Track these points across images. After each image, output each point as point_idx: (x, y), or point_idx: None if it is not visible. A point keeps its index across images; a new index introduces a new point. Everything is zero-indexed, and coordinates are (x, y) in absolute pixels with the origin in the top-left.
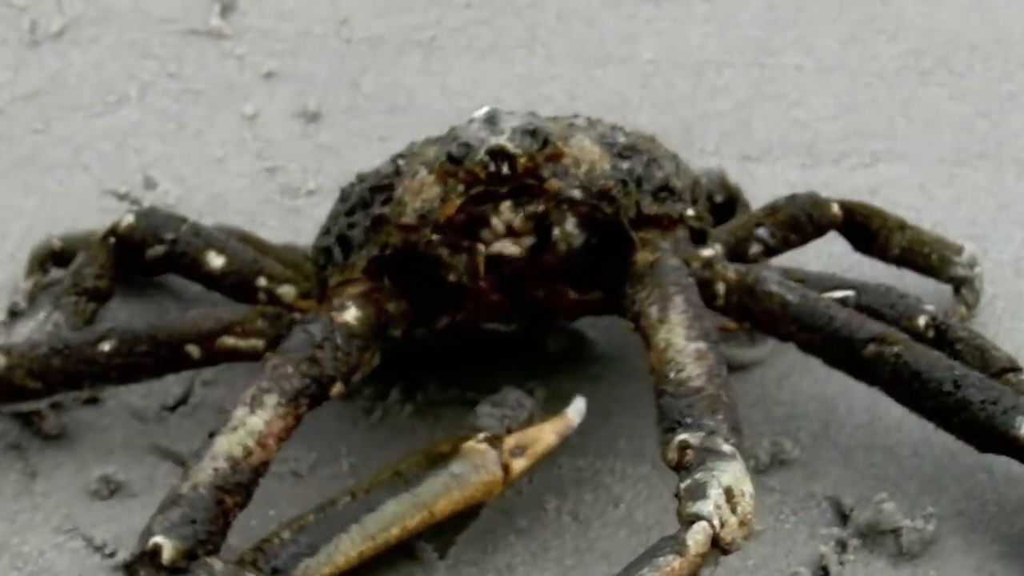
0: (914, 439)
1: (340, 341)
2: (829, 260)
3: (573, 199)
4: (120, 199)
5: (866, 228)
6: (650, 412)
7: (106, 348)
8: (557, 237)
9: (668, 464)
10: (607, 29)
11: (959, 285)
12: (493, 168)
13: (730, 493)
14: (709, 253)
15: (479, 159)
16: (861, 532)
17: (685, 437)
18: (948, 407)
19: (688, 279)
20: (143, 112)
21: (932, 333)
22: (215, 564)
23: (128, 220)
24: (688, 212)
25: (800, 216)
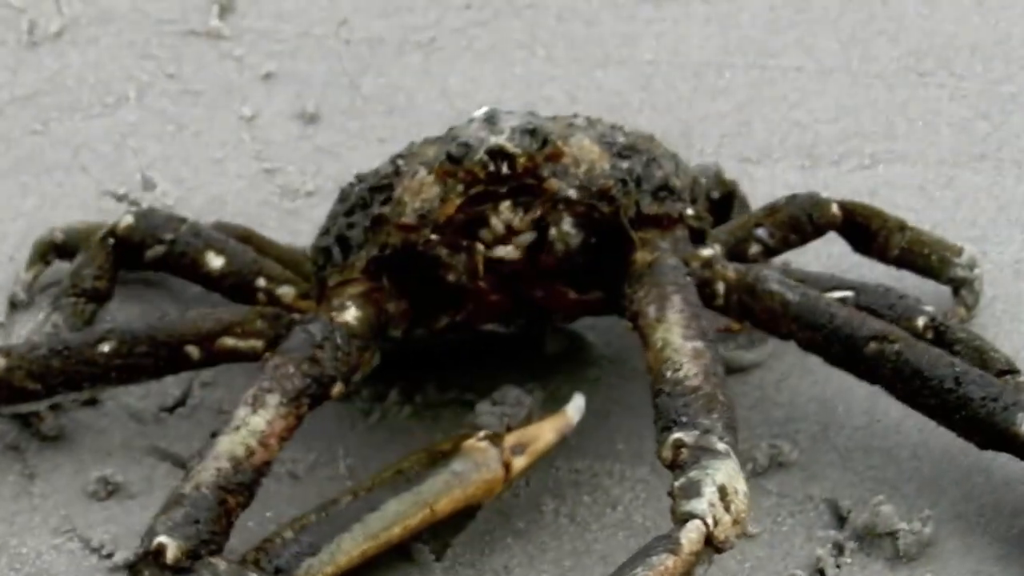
0: (912, 442)
1: (340, 341)
2: (828, 261)
3: (569, 199)
4: (119, 200)
5: (866, 229)
6: (648, 414)
7: (105, 349)
8: (554, 237)
9: (663, 462)
10: (607, 30)
11: (958, 287)
12: (492, 168)
13: (724, 491)
14: (708, 253)
15: (478, 159)
16: (858, 535)
17: (680, 435)
18: (949, 404)
19: (686, 279)
20: (142, 113)
21: (931, 334)
22: (218, 564)
23: (127, 221)
24: (688, 212)
25: (800, 216)
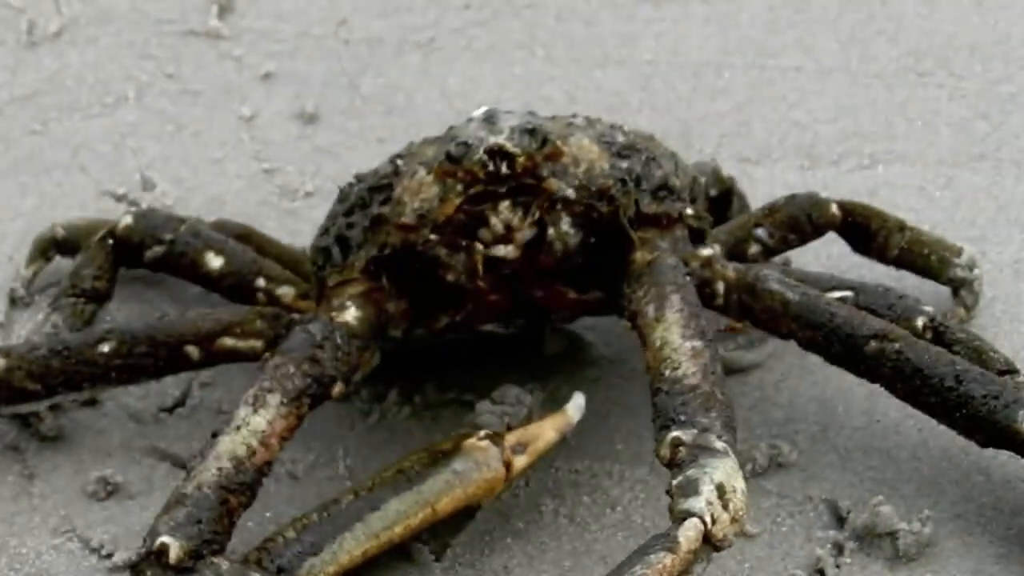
0: (911, 442)
1: (340, 341)
2: (827, 262)
3: (567, 199)
4: (118, 200)
5: (865, 229)
6: (648, 415)
7: (105, 349)
8: (552, 237)
9: (661, 461)
10: (606, 30)
11: (958, 287)
12: (492, 167)
13: (722, 490)
14: (708, 252)
15: (478, 158)
16: (858, 535)
17: (678, 434)
18: (950, 403)
19: (685, 278)
20: (141, 113)
21: (930, 335)
22: (221, 563)
23: (126, 221)
24: (687, 211)
25: (799, 216)
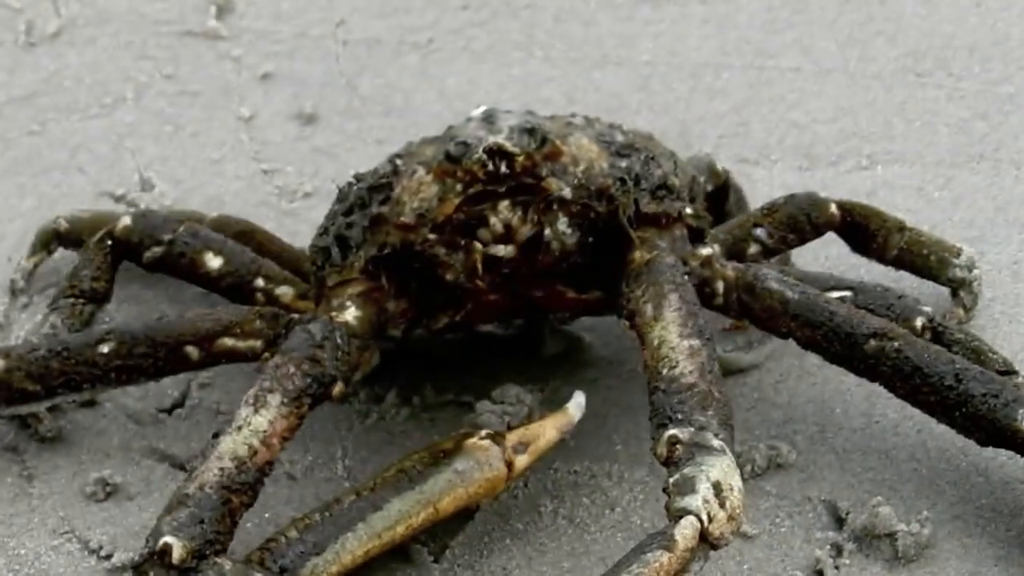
0: (910, 443)
1: (340, 341)
2: (827, 263)
3: (564, 199)
4: (116, 200)
5: (864, 229)
6: (647, 416)
7: (105, 350)
8: (550, 237)
9: (658, 459)
10: (604, 31)
11: (957, 288)
12: (491, 167)
13: (719, 488)
14: (707, 251)
15: (477, 158)
16: (857, 536)
17: (675, 432)
18: (949, 401)
19: (683, 277)
20: (139, 114)
21: (929, 335)
22: (224, 564)
23: (124, 222)
24: (686, 210)
25: (798, 216)
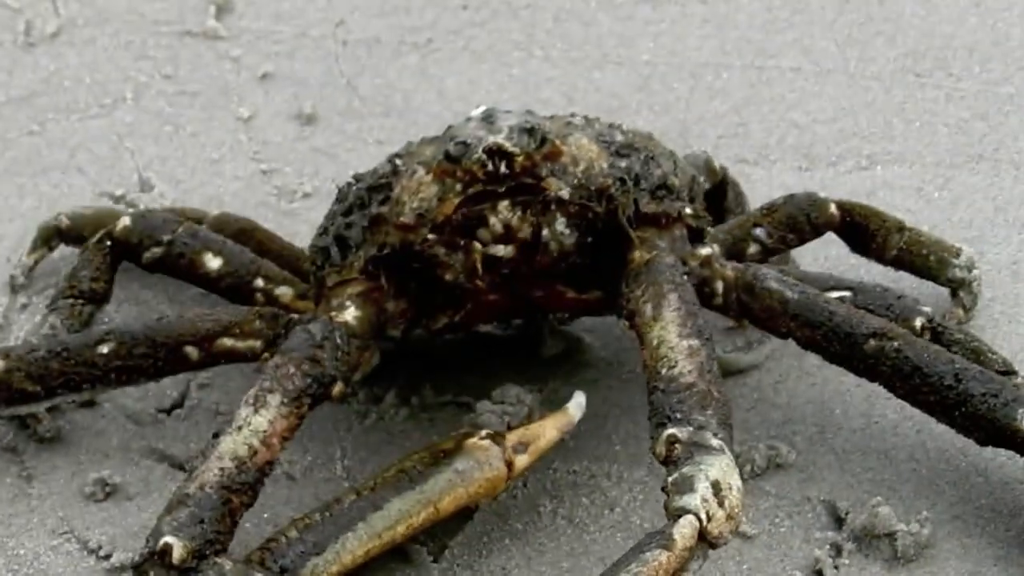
0: (909, 443)
1: (340, 341)
2: (826, 263)
3: (561, 199)
4: (116, 201)
5: (864, 229)
6: (646, 416)
7: (104, 350)
8: (547, 237)
9: (657, 458)
10: (604, 31)
11: (956, 288)
12: (491, 167)
13: (717, 487)
14: (707, 251)
15: (477, 158)
16: (856, 536)
17: (674, 431)
18: (949, 401)
19: (683, 277)
20: (139, 114)
21: (928, 335)
22: (224, 563)
23: (124, 222)
24: (686, 210)
25: (798, 216)
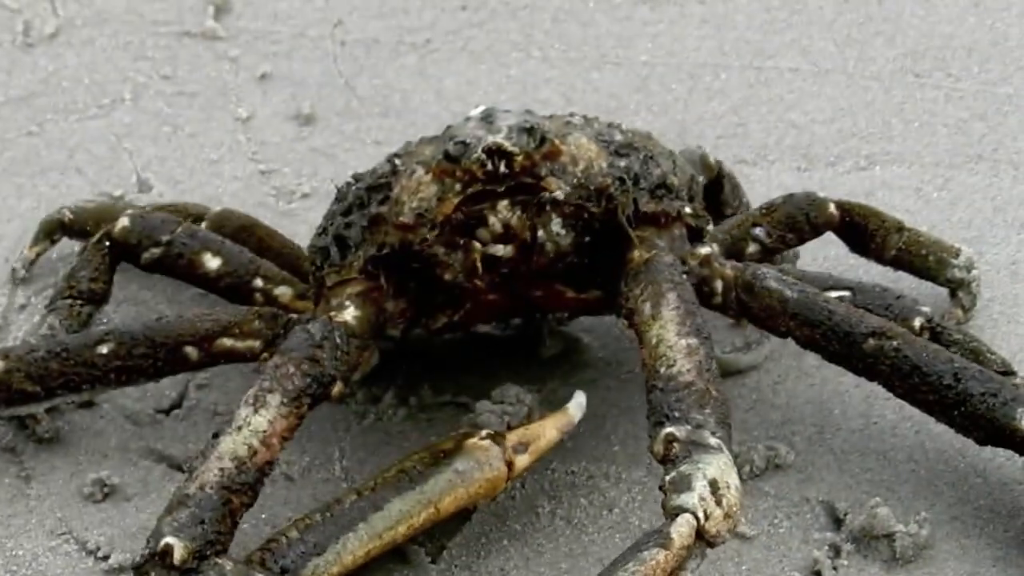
0: (908, 444)
1: (340, 340)
2: (825, 263)
3: (557, 200)
4: (114, 201)
5: (863, 229)
6: (645, 416)
7: (104, 351)
8: (543, 238)
9: (655, 457)
10: (603, 31)
11: (955, 288)
12: (490, 166)
13: (715, 485)
14: (706, 251)
15: (476, 157)
16: (855, 537)
17: (672, 430)
18: (948, 401)
19: (682, 276)
20: (137, 114)
21: (927, 335)
22: (225, 564)
23: (123, 223)
24: (685, 209)
25: (797, 216)
